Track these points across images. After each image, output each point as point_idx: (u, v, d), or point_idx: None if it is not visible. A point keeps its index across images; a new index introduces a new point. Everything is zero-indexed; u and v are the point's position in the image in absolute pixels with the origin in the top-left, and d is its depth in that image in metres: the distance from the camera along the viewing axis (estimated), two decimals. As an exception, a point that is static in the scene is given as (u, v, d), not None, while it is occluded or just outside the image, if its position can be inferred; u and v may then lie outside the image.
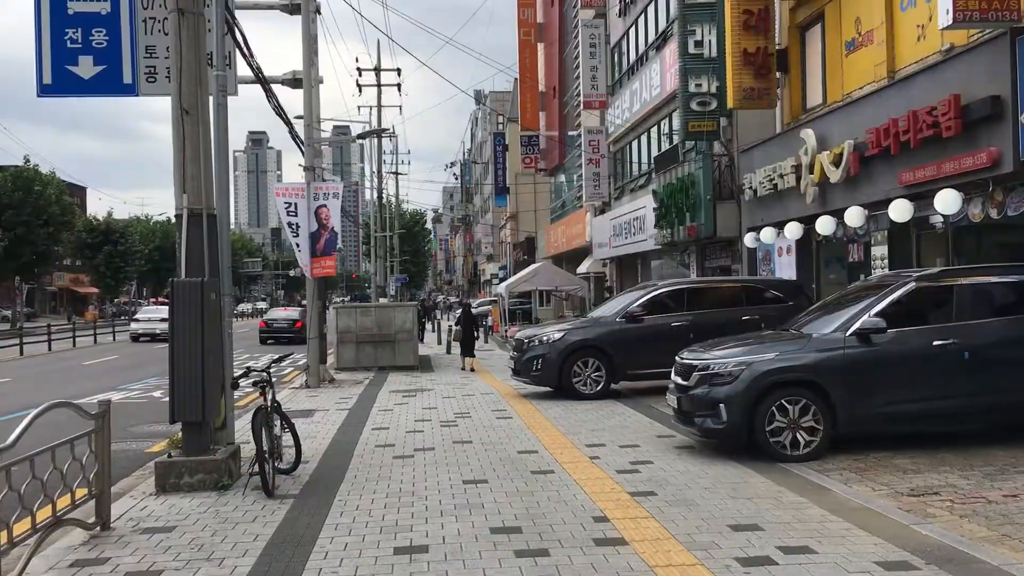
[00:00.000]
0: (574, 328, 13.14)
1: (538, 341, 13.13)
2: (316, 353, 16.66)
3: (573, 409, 11.93)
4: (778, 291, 13.61)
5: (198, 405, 7.43)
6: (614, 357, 12.84)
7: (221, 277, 8.64)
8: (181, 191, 8.30)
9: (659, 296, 13.37)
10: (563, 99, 40.96)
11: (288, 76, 16.90)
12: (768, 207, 16.14)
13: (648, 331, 13.01)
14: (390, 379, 17.78)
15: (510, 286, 33.59)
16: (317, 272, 16.57)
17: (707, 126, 18.54)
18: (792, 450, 7.80)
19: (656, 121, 23.64)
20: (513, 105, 63.19)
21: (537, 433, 10.02)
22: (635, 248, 24.72)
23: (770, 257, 16.87)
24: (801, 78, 15.95)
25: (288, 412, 13.01)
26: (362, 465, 8.47)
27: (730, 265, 19.39)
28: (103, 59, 9.89)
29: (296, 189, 16.36)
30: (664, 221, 20.76)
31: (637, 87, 24.68)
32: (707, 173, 18.50)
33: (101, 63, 9.93)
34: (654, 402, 12.41)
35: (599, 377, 12.87)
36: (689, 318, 13.10)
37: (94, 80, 9.93)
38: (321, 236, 16.49)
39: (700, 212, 18.60)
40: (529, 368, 13.13)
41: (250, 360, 25.56)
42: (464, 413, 11.91)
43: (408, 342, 20.40)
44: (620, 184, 28.67)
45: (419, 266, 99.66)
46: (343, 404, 13.48)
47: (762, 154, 16.50)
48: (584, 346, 12.88)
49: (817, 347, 7.89)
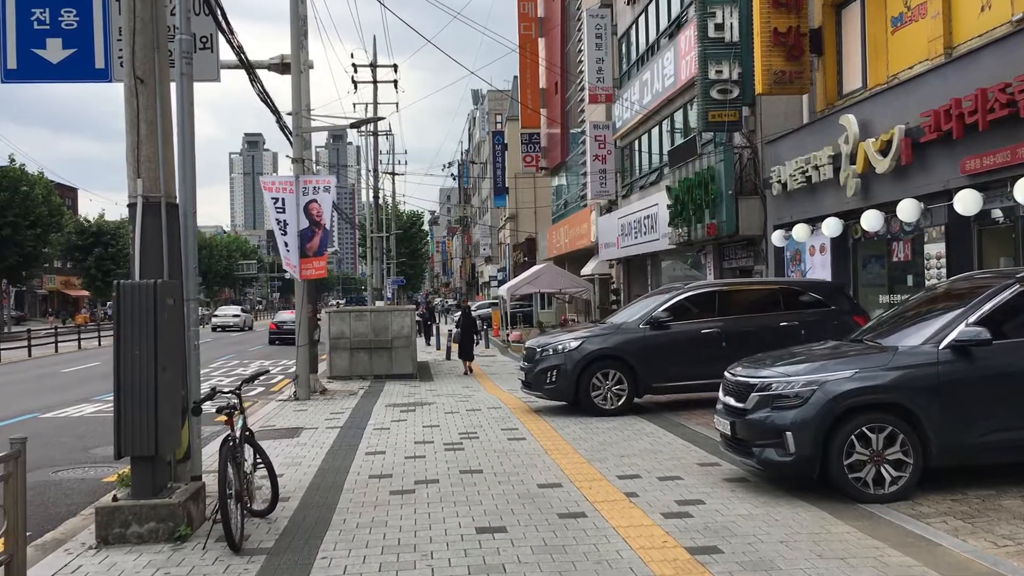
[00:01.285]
0: (592, 336, 11.74)
1: (552, 350, 11.74)
2: (306, 362, 15.25)
3: (594, 428, 10.53)
4: (817, 293, 12.22)
5: (149, 436, 6.03)
6: (637, 368, 11.45)
7: (186, 279, 7.25)
8: (135, 175, 6.91)
9: (687, 300, 11.97)
10: (565, 95, 39.61)
11: (275, 60, 15.51)
12: (799, 202, 14.78)
13: (675, 339, 11.62)
14: (387, 389, 16.39)
15: (512, 288, 32.19)
16: (307, 274, 15.16)
17: (728, 116, 17.18)
18: (875, 488, 6.42)
19: (669, 113, 22.28)
20: (513, 103, 61.88)
21: (557, 459, 8.63)
22: (646, 248, 23.34)
23: (800, 256, 15.50)
24: (837, 60, 14.59)
25: (271, 430, 11.69)
26: (353, 504, 7.07)
27: (752, 266, 18.02)
28: (73, 42, 8.98)
29: (284, 183, 14.95)
30: (680, 219, 19.39)
31: (648, 78, 23.32)
32: (728, 166, 17.13)
33: (71, 46, 9.01)
34: (684, 419, 11.03)
35: (621, 391, 11.48)
36: (721, 324, 11.72)
37: (63, 65, 9.00)
38: (314, 235, 15.08)
39: (721, 209, 17.23)
40: (542, 380, 11.73)
41: (240, 367, 24.14)
42: (471, 433, 10.52)
43: (406, 349, 19.00)
44: (628, 181, 27.30)
45: (416, 268, 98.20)
46: (334, 420, 12.08)
47: (792, 144, 15.14)
48: (604, 356, 11.49)
49: (903, 363, 6.50)
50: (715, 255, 19.82)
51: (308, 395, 15.06)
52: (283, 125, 15.92)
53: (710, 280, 18.49)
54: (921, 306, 7.44)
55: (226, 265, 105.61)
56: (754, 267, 17.90)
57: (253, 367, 24.72)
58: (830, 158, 13.34)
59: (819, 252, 14.73)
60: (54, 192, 56.50)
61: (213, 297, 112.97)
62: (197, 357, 7.37)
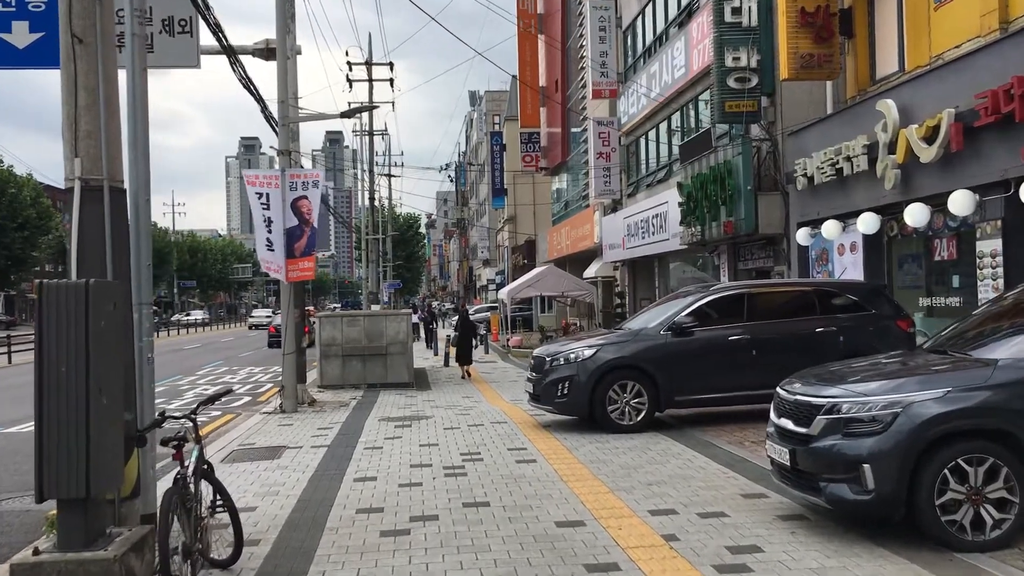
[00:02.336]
0: (608, 343, 10.55)
1: (563, 360, 10.55)
2: (293, 371, 14.06)
3: (612, 447, 9.35)
4: (855, 296, 11.06)
5: (79, 474, 4.84)
6: (659, 379, 10.27)
7: (136, 279, 6.07)
8: (72, 154, 5.73)
9: (712, 303, 10.80)
10: (566, 93, 38.47)
11: (260, 45, 14.36)
12: (828, 197, 13.62)
13: (701, 347, 10.45)
14: (381, 400, 15.20)
15: (512, 291, 31.02)
16: (294, 275, 13.97)
17: (747, 106, 16.04)
18: (974, 533, 5.25)
19: (680, 106, 21.13)
20: (511, 103, 60.69)
21: (575, 487, 7.45)
22: (655, 249, 22.17)
23: (827, 256, 14.34)
24: (869, 42, 13.45)
25: (250, 450, 10.45)
26: (336, 549, 5.88)
27: (771, 267, 16.86)
28: (41, 24, 7.89)
29: (269, 177, 13.77)
30: (692, 217, 18.23)
31: (656, 70, 22.18)
32: (747, 160, 15.98)
33: (38, 29, 7.90)
34: (711, 437, 9.85)
35: (640, 405, 10.29)
36: (750, 330, 10.55)
37: (30, 50, 7.86)
38: (303, 233, 13.91)
39: (738, 206, 16.08)
40: (552, 393, 10.54)
41: (228, 375, 22.93)
42: (473, 453, 9.33)
43: (402, 356, 17.82)
44: (634, 179, 26.14)
45: (413, 272, 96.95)
46: (321, 437, 10.88)
47: (819, 135, 13.99)
48: (621, 366, 10.30)
49: (1006, 379, 5.32)
50: (730, 256, 18.67)
51: (295, 407, 13.87)
52: (268, 115, 14.75)
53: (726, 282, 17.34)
54: (1019, 309, 6.23)
55: (220, 269, 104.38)
56: (774, 268, 16.74)
57: (242, 374, 23.54)
58: (864, 148, 12.18)
59: (849, 251, 13.57)
60: (43, 194, 55.28)
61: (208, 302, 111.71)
62: (150, 374, 6.17)
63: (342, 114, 13.65)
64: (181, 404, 16.49)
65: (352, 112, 13.71)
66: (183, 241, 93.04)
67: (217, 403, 5.75)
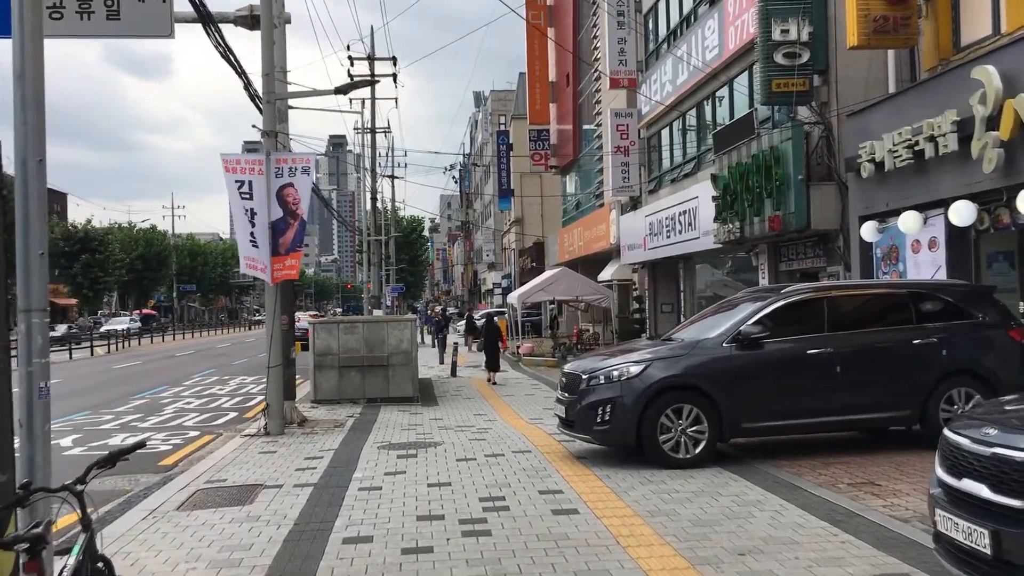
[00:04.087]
0: (658, 358, 8.59)
1: (604, 378, 8.59)
2: (279, 387, 12.14)
3: (671, 491, 7.42)
4: (956, 299, 9.12)
5: None
6: (721, 402, 8.34)
7: (24, 276, 4.18)
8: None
9: (785, 308, 8.85)
10: (578, 88, 36.63)
11: (243, 11, 12.48)
12: (902, 185, 11.71)
13: (772, 362, 8.52)
14: (381, 418, 13.28)
15: (523, 296, 29.08)
16: (280, 274, 12.07)
17: (797, 85, 14.12)
18: None
19: (711, 92, 19.22)
20: (518, 102, 58.84)
21: (639, 556, 5.52)
22: (681, 249, 20.24)
23: (898, 253, 12.41)
24: (952, 4, 11.53)
25: (218, 489, 8.17)
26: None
27: (822, 267, 14.93)
28: None
29: (252, 162, 11.86)
30: (729, 212, 16.31)
31: (683, 53, 20.27)
32: (798, 145, 14.06)
33: None
34: (789, 473, 7.91)
35: (699, 434, 8.36)
36: (832, 342, 8.62)
37: None
38: (289, 227, 12.01)
39: (787, 198, 14.15)
40: (590, 419, 8.58)
41: (217, 385, 20.99)
42: (496, 499, 7.39)
43: (405, 367, 15.89)
44: (656, 174, 24.22)
45: (416, 276, 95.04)
46: (307, 472, 8.96)
47: (890, 114, 12.06)
48: (677, 386, 8.37)
49: None
50: (771, 255, 16.74)
51: (281, 429, 11.96)
52: (253, 92, 12.85)
53: (834, 282, 15.40)
54: None
55: (221, 273, 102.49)
56: (826, 269, 14.80)
57: (232, 384, 21.62)
58: (954, 125, 10.25)
59: (927, 248, 11.63)
60: (34, 195, 53.39)
61: (208, 306, 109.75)
62: (45, 411, 4.26)
63: (337, 89, 11.76)
64: (156, 423, 14.60)
65: (349, 87, 11.82)
66: (183, 244, 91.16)
67: (129, 457, 3.79)
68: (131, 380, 23.66)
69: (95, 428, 13.99)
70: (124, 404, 17.59)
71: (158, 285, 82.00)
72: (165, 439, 12.62)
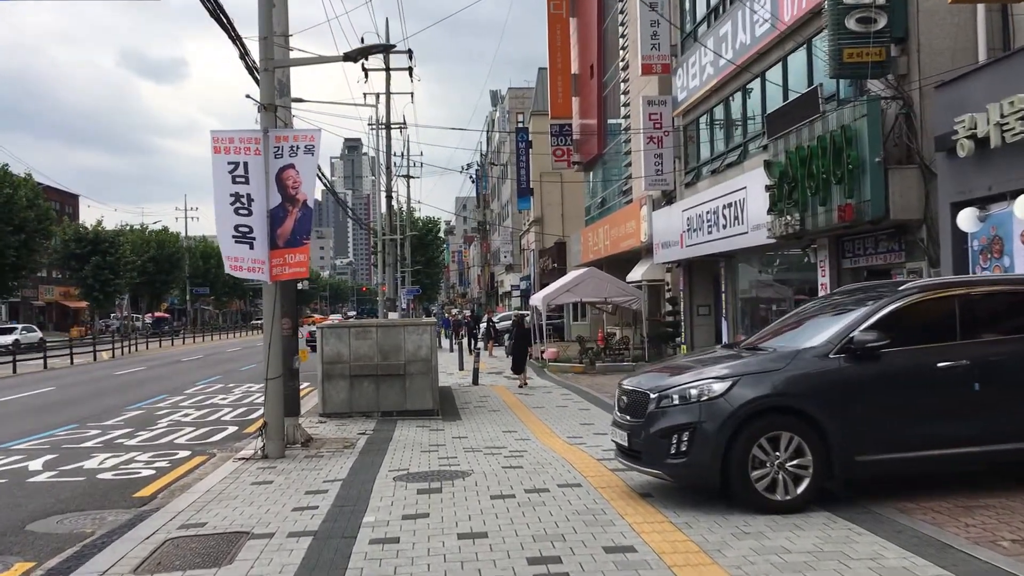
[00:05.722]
0: (748, 373, 6.78)
1: (679, 398, 6.79)
2: (279, 401, 10.43)
3: (778, 549, 5.64)
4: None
5: None
6: (830, 429, 6.55)
7: None
8: None
9: (906, 310, 7.03)
10: (602, 79, 34.83)
11: (238, -31, 10.82)
12: (1012, 164, 9.88)
13: (892, 378, 6.72)
14: (398, 437, 11.56)
15: (548, 297, 27.33)
16: (280, 272, 10.36)
17: (872, 54, 12.32)
18: None
19: (761, 71, 17.40)
20: (538, 98, 57.05)
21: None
22: (726, 246, 18.40)
23: (1001, 246, 10.55)
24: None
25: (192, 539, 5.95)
26: None
27: (901, 263, 13.07)
28: None
29: (247, 139, 10.17)
30: (787, 203, 14.48)
31: (727, 30, 18.48)
32: (874, 123, 12.23)
33: None
34: (926, 524, 6.10)
35: (801, 469, 6.57)
36: (969, 352, 6.81)
37: None
38: (288, 215, 10.30)
39: (862, 184, 12.32)
40: (662, 450, 6.78)
41: (221, 394, 19.33)
42: (549, 559, 5.61)
43: (424, 376, 14.18)
44: (694, 165, 22.39)
45: (432, 278, 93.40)
46: (307, 513, 7.23)
47: (993, 81, 10.25)
48: (773, 407, 6.58)
49: None
50: (832, 251, 14.88)
51: (281, 451, 10.25)
52: (251, 63, 11.18)
53: (966, 277, 13.63)
54: None
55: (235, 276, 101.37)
56: (905, 265, 12.94)
57: (237, 393, 19.99)
58: (1092, 87, 8.44)
59: (1043, 238, 9.79)
60: (42, 195, 52.10)
61: (222, 309, 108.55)
62: None
63: (346, 55, 10.06)
64: (145, 439, 12.96)
65: (360, 52, 10.12)
66: (196, 247, 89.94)
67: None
68: (130, 388, 22.09)
69: (75, 447, 12.37)
70: (116, 416, 15.99)
71: (171, 288, 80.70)
72: (149, 461, 10.97)
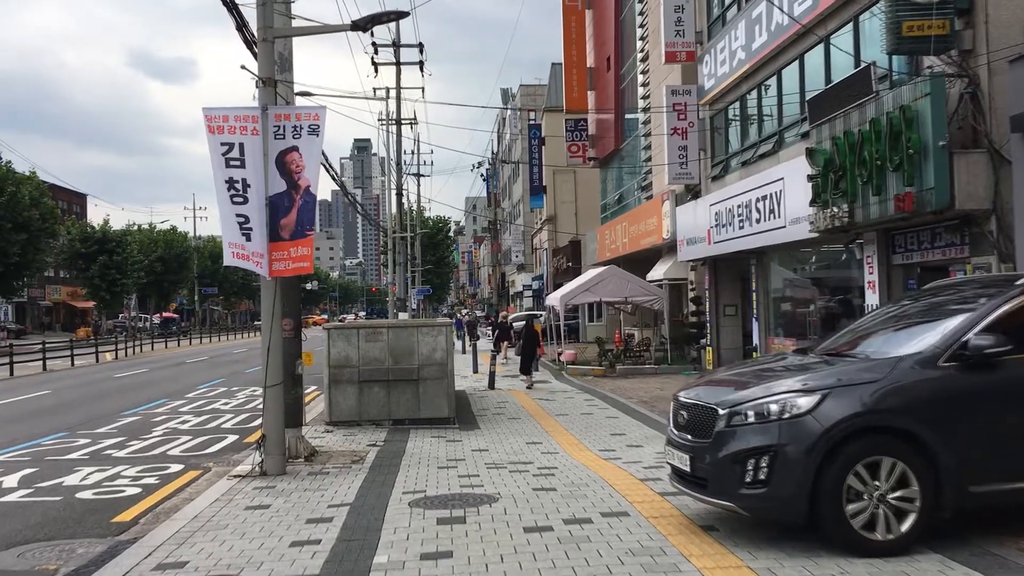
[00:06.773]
0: (840, 385, 5.61)
1: (755, 415, 5.62)
2: (279, 411, 9.30)
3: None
4: None
5: None
6: (940, 453, 5.39)
7: None
8: None
9: None
10: (619, 72, 33.66)
11: (235, -70, 9.71)
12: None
13: (1015, 391, 5.55)
14: (412, 450, 10.44)
15: (566, 297, 26.18)
16: (284, 268, 9.23)
17: (936, 27, 11.15)
18: None
19: (799, 53, 16.21)
20: (551, 94, 55.89)
21: None
22: (760, 241, 17.21)
23: (1092, 238, 9.36)
24: None
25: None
26: None
27: (964, 257, 11.87)
28: None
29: (244, 117, 9.05)
30: (834, 193, 13.30)
31: (761, 12, 17.29)
32: (938, 103, 11.03)
33: None
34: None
35: (905, 502, 5.41)
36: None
37: None
38: (293, 204, 9.18)
39: (925, 170, 11.13)
40: (734, 478, 5.61)
41: (224, 398, 18.24)
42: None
43: (439, 381, 13.05)
44: (722, 157, 21.20)
45: (443, 278, 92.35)
46: (307, 549, 6.10)
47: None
48: (871, 427, 5.42)
49: None
50: (881, 245, 13.69)
51: (282, 467, 9.13)
52: (249, 36, 10.06)
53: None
54: None
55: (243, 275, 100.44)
56: (970, 260, 11.74)
57: (240, 397, 18.91)
58: None
59: None
60: (46, 194, 51.19)
61: (231, 309, 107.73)
62: None
63: (355, 24, 8.95)
64: (136, 450, 11.87)
65: (369, 20, 8.99)
66: (204, 246, 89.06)
67: None
68: (129, 392, 21.04)
69: (59, 458, 11.29)
70: (110, 423, 14.91)
71: (179, 287, 79.81)
72: (136, 477, 9.88)
